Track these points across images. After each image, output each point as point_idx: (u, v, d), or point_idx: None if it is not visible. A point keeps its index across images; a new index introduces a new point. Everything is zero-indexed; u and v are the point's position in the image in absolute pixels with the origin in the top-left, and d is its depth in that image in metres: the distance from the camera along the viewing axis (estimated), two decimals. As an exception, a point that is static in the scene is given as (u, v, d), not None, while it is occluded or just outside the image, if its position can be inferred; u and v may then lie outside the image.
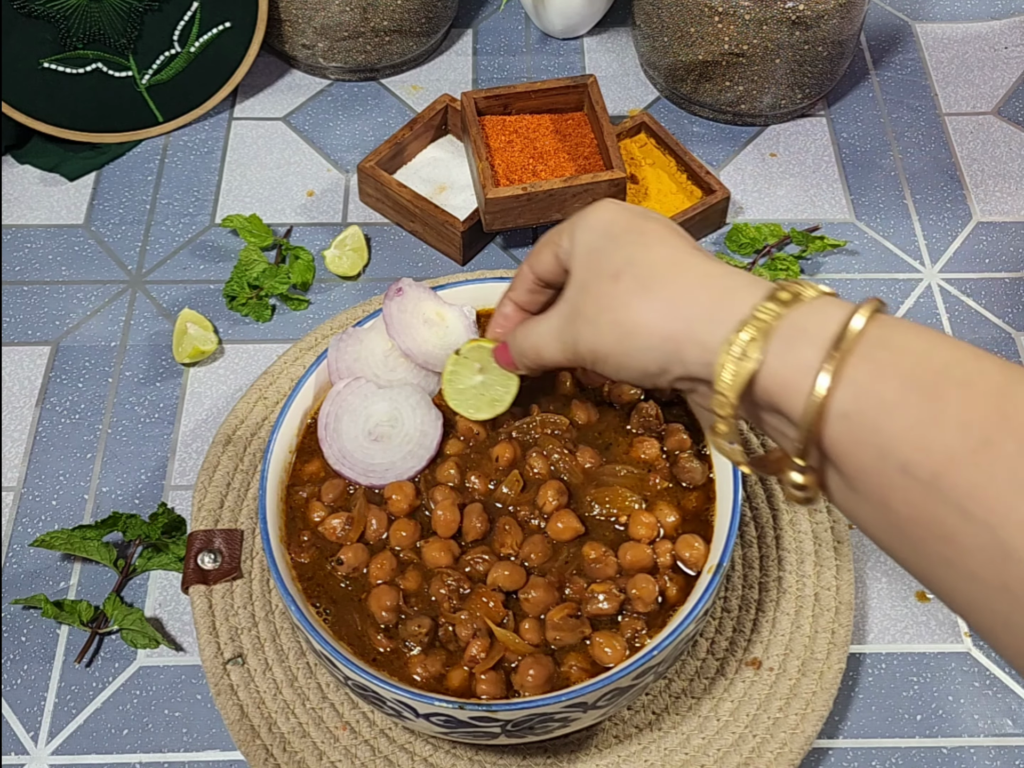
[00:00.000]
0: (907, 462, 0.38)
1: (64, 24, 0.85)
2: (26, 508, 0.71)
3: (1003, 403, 0.37)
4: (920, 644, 0.66)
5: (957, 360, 0.39)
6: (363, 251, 0.84)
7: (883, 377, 0.39)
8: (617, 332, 0.47)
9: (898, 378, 0.39)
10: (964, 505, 0.36)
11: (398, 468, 0.60)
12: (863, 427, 0.39)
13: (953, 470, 0.37)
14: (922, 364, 0.39)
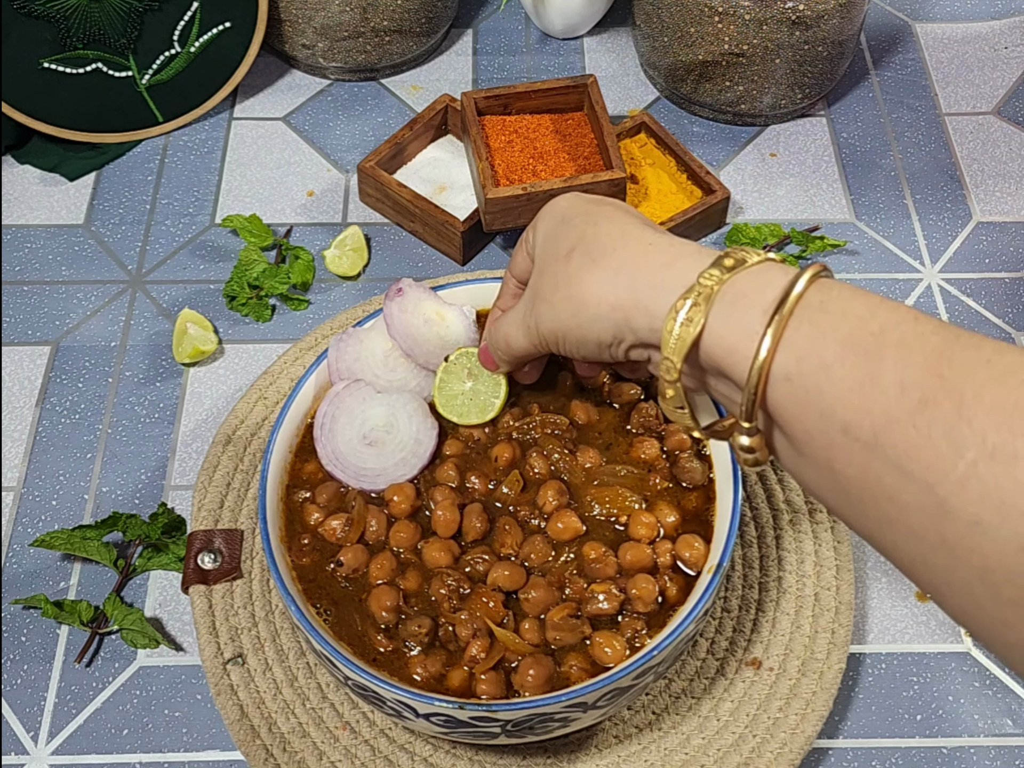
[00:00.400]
0: (848, 423, 0.39)
1: (64, 24, 0.85)
2: (26, 508, 0.71)
3: (939, 364, 0.37)
4: (920, 644, 0.66)
5: (895, 322, 0.39)
6: (363, 251, 0.84)
7: (823, 340, 0.40)
8: (570, 307, 0.49)
9: (837, 341, 0.40)
10: (903, 464, 0.37)
11: (389, 474, 0.60)
12: (805, 390, 0.40)
13: (892, 430, 0.38)
14: (861, 327, 0.40)
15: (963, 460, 0.35)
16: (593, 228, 0.50)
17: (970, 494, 0.35)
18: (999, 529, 0.35)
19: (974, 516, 0.35)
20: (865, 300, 0.41)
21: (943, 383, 0.37)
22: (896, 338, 0.39)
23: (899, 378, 0.38)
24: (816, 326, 0.41)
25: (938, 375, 0.37)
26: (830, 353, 0.40)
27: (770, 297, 0.42)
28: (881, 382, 0.38)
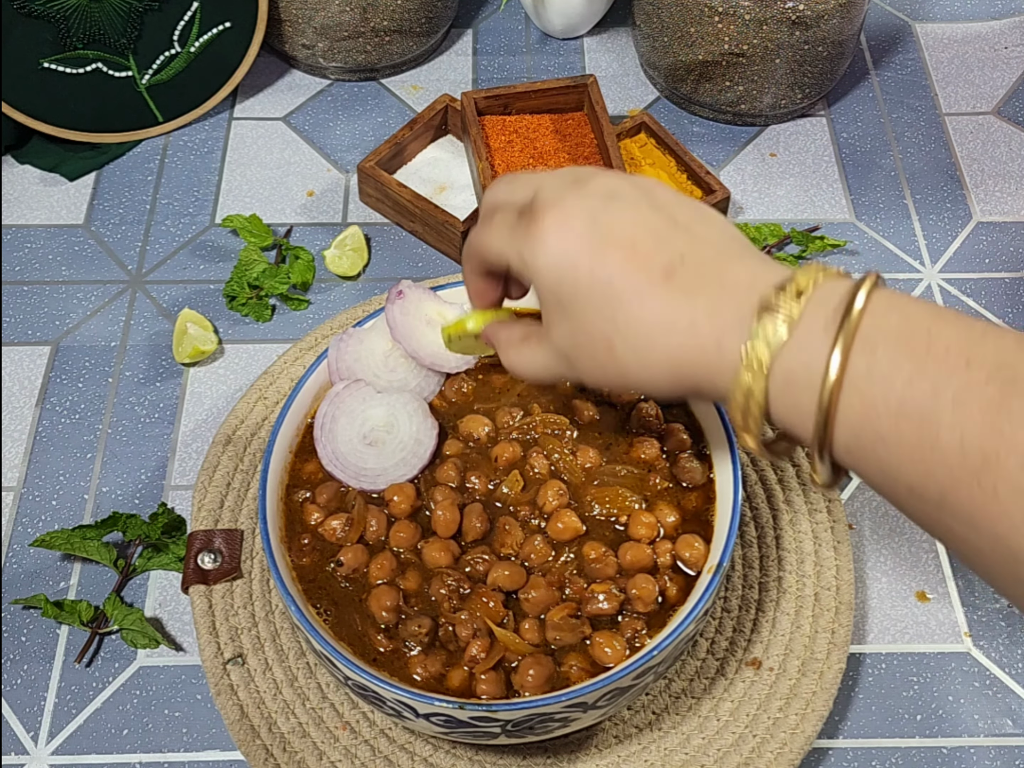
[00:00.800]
0: (912, 486, 0.39)
1: (64, 24, 0.85)
2: (26, 508, 0.71)
3: (998, 419, 0.37)
4: (920, 644, 0.66)
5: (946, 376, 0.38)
6: (363, 251, 0.84)
7: (876, 412, 0.40)
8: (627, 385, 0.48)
9: (890, 412, 0.39)
10: (972, 520, 0.38)
11: (389, 474, 0.60)
12: (867, 458, 0.41)
13: (958, 490, 0.38)
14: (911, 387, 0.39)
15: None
16: (622, 311, 0.46)
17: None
18: None
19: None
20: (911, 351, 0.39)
21: (1004, 439, 0.36)
22: (950, 397, 0.38)
23: (958, 440, 0.37)
24: (865, 398, 0.40)
25: (998, 431, 0.37)
26: (885, 425, 0.39)
27: (816, 374, 0.41)
28: (940, 446, 0.38)
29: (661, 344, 0.45)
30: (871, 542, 0.70)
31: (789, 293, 0.42)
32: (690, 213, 0.48)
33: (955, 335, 0.39)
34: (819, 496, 0.69)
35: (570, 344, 0.49)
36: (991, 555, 0.38)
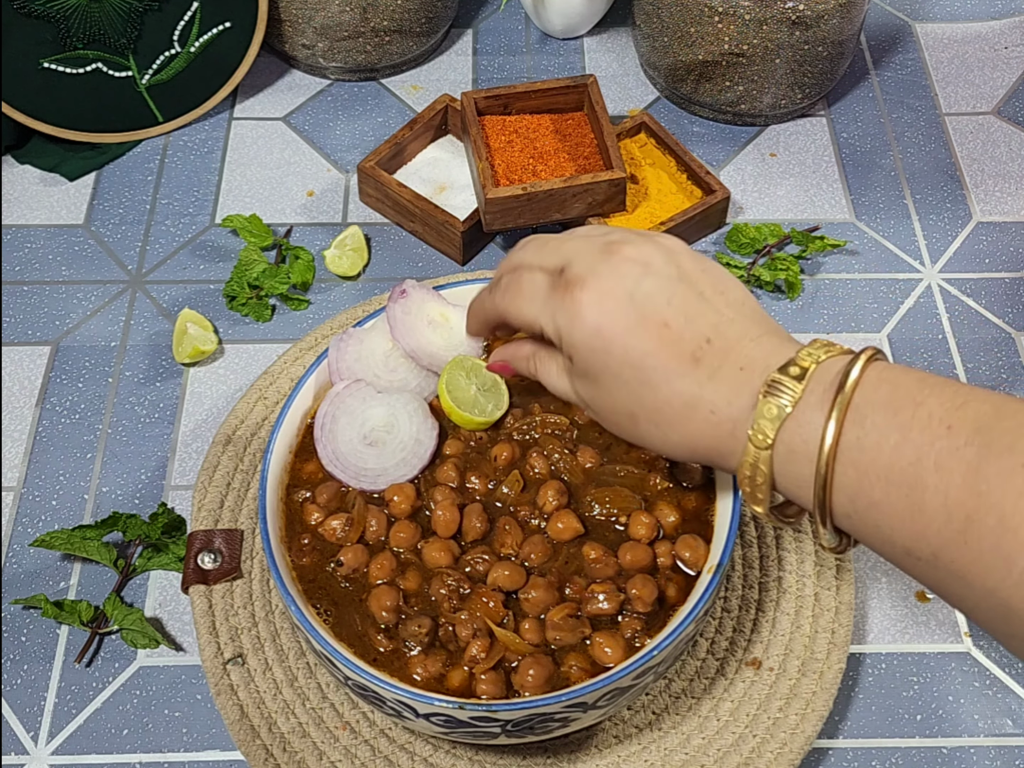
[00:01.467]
0: (908, 548, 0.43)
1: (64, 24, 0.85)
2: (26, 508, 0.71)
3: (976, 481, 0.40)
4: (920, 644, 0.66)
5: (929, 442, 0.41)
6: (363, 251, 0.84)
7: (868, 480, 0.43)
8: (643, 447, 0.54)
9: (880, 478, 0.43)
10: (963, 576, 0.41)
11: (390, 475, 0.60)
12: (864, 524, 0.44)
13: (948, 549, 0.41)
14: (899, 457, 0.42)
15: (1016, 567, 0.38)
16: (650, 392, 0.49)
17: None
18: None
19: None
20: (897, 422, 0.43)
21: (983, 500, 0.39)
22: (933, 462, 0.41)
23: (943, 503, 0.41)
24: (858, 467, 0.43)
25: (976, 493, 0.40)
26: (877, 492, 0.43)
27: (814, 446, 0.44)
28: (927, 510, 0.41)
29: (681, 426, 0.49)
30: (871, 542, 0.70)
31: (792, 375, 0.46)
32: (714, 284, 0.51)
33: (938, 403, 0.42)
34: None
35: (594, 403, 0.52)
36: (986, 610, 0.41)
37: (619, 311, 0.49)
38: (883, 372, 0.45)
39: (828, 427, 0.44)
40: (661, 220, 0.82)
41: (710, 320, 0.49)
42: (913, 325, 0.81)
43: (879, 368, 0.45)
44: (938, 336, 0.81)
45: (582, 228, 0.55)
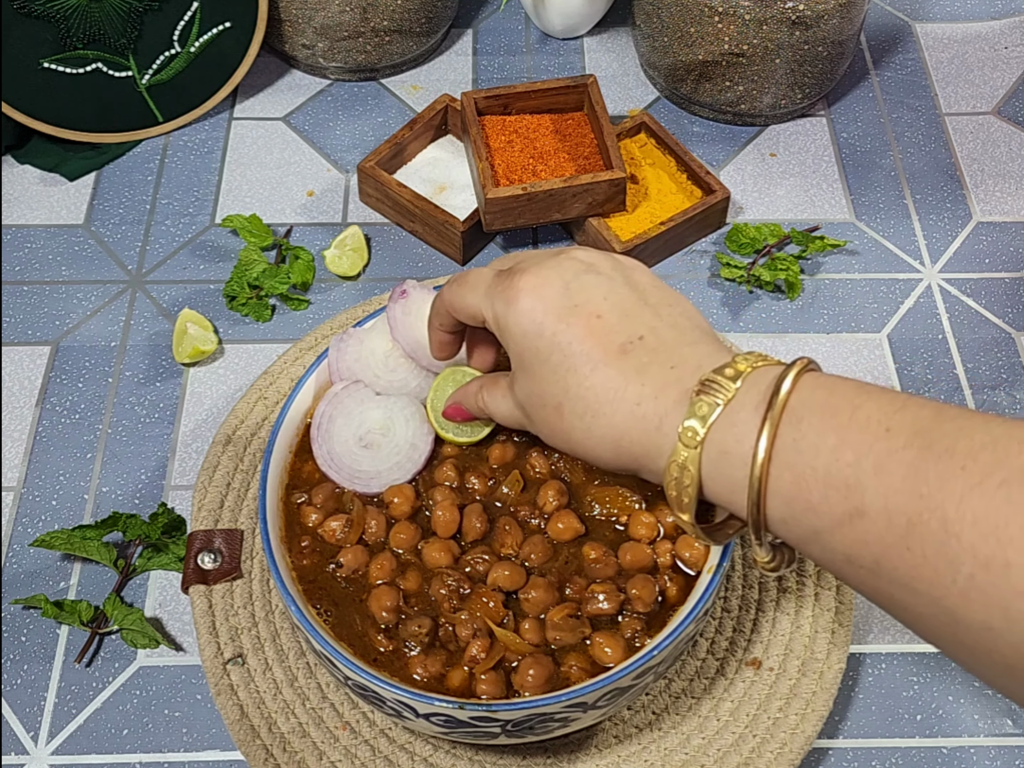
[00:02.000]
0: (849, 555, 0.41)
1: (64, 24, 0.85)
2: (26, 508, 0.71)
3: (917, 483, 0.38)
4: (920, 644, 0.66)
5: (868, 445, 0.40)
6: (363, 251, 0.84)
7: (805, 482, 0.41)
8: (575, 455, 0.51)
9: (818, 481, 0.41)
10: (907, 584, 0.39)
11: (384, 478, 0.60)
12: (802, 528, 0.42)
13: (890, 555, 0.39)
14: (836, 459, 0.41)
15: (960, 574, 0.37)
16: (575, 378, 0.48)
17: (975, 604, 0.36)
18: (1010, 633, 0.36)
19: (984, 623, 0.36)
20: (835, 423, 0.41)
21: (925, 502, 0.38)
22: (871, 464, 0.40)
23: (884, 506, 0.39)
24: (795, 469, 0.42)
25: (918, 495, 0.38)
26: (815, 495, 0.41)
27: (748, 447, 0.43)
28: (867, 513, 0.39)
29: (606, 416, 0.48)
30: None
31: (727, 375, 0.45)
32: (661, 296, 0.51)
33: (876, 407, 0.41)
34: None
35: (527, 401, 0.52)
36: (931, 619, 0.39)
37: (553, 296, 0.49)
38: (819, 379, 0.44)
39: (764, 427, 0.42)
40: (661, 220, 0.82)
41: (647, 321, 0.49)
42: (913, 325, 0.81)
43: (815, 376, 0.44)
44: (938, 336, 0.81)
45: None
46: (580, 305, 0.49)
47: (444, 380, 0.62)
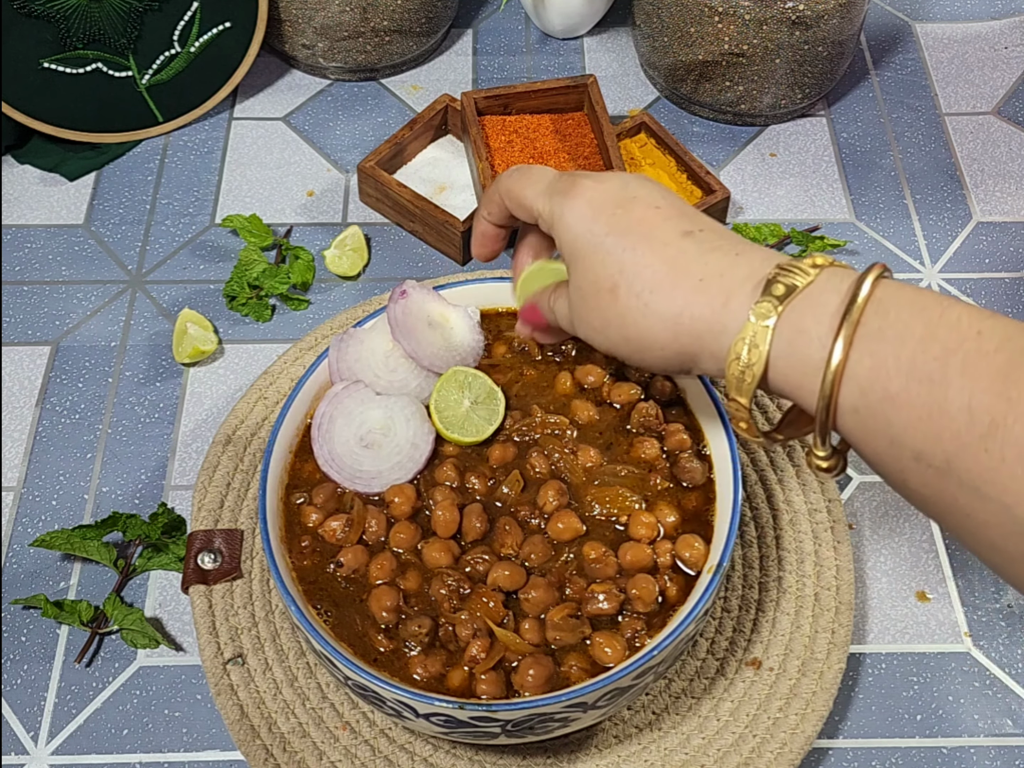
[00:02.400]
0: (919, 451, 0.39)
1: (64, 24, 0.85)
2: (26, 508, 0.71)
3: (1007, 386, 0.37)
4: (920, 644, 0.66)
5: (957, 342, 0.39)
6: (363, 251, 0.84)
7: (886, 370, 0.40)
8: (630, 347, 0.48)
9: (900, 371, 0.39)
10: (978, 487, 0.37)
11: (384, 478, 0.60)
12: (873, 420, 0.40)
13: (964, 456, 0.38)
14: (923, 351, 0.39)
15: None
16: (633, 257, 0.47)
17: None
18: None
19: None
20: (925, 318, 0.40)
21: (1011, 406, 0.37)
22: (959, 361, 0.38)
23: (967, 404, 0.38)
24: (876, 356, 0.40)
25: (1006, 398, 0.37)
26: (894, 384, 0.40)
27: (828, 329, 0.41)
28: (949, 409, 0.38)
29: (666, 291, 0.46)
30: (871, 542, 0.70)
31: (806, 262, 0.43)
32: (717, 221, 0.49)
33: (966, 311, 0.40)
34: (819, 496, 0.69)
35: (577, 294, 0.50)
36: (997, 528, 0.38)
37: (612, 189, 0.49)
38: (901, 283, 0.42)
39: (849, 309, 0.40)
40: (661, 220, 0.82)
41: (707, 222, 0.48)
42: (913, 325, 0.81)
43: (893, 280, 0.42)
44: (938, 336, 0.80)
45: None
46: (639, 198, 0.48)
47: (447, 381, 0.62)
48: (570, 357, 0.65)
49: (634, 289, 0.47)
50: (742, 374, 0.44)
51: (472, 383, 0.62)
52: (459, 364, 0.63)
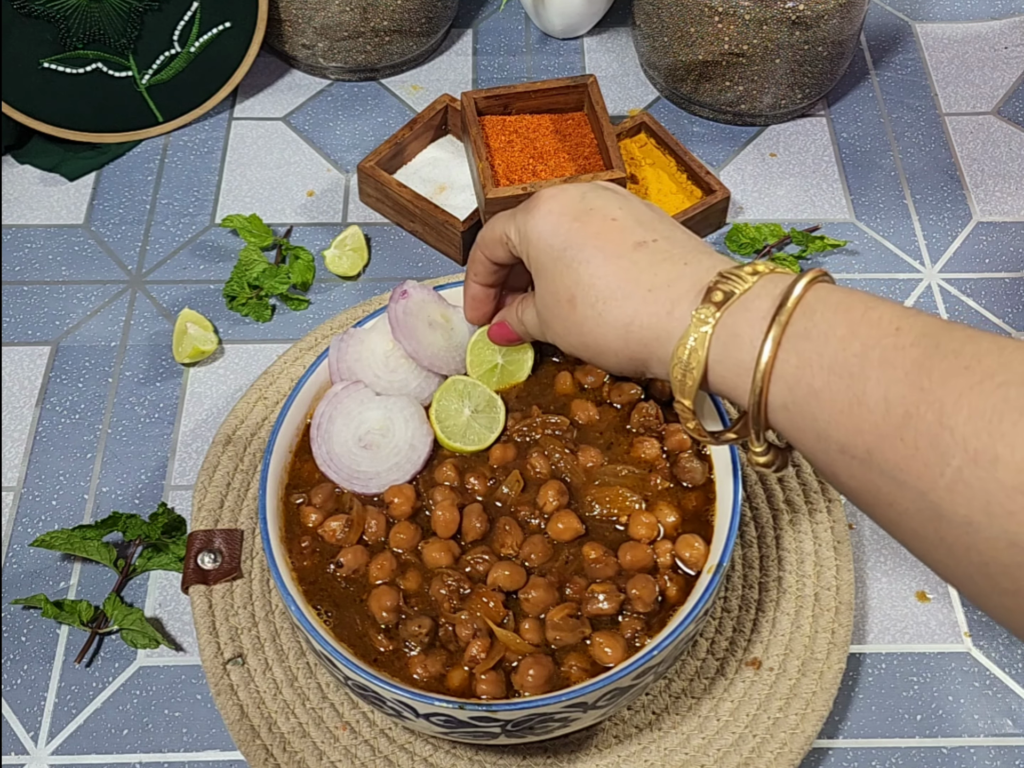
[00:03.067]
0: (843, 443, 0.42)
1: (64, 24, 0.85)
2: (26, 508, 0.71)
3: (920, 377, 0.39)
4: (920, 644, 0.66)
5: (876, 339, 0.41)
6: (363, 251, 0.84)
7: (810, 368, 0.42)
8: (588, 351, 0.52)
9: (823, 367, 0.42)
10: (896, 476, 0.40)
11: (382, 478, 0.60)
12: (801, 416, 0.43)
13: (883, 446, 0.40)
14: (844, 349, 0.42)
15: (949, 467, 0.37)
16: (587, 268, 0.50)
17: (959, 498, 0.37)
18: (989, 528, 0.37)
19: (966, 518, 0.37)
20: (847, 318, 0.42)
21: (924, 395, 0.39)
22: (877, 356, 0.41)
23: (883, 396, 0.40)
24: (802, 355, 0.43)
25: (919, 388, 0.39)
26: (818, 380, 0.42)
27: (759, 331, 0.44)
28: (867, 402, 0.40)
29: (618, 305, 0.49)
30: (871, 542, 0.70)
31: (745, 271, 0.46)
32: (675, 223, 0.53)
33: (890, 309, 0.42)
34: (819, 496, 0.69)
35: (542, 303, 0.54)
36: (916, 515, 0.40)
37: (570, 202, 0.52)
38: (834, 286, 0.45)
39: (778, 313, 0.43)
40: (661, 220, 0.82)
41: (661, 229, 0.51)
42: (913, 325, 0.81)
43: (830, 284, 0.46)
44: (938, 336, 0.80)
45: None
46: (596, 209, 0.52)
47: (446, 391, 0.62)
48: (570, 357, 0.65)
49: (588, 300, 0.50)
50: (683, 377, 0.47)
51: (472, 392, 0.62)
52: (459, 364, 0.63)
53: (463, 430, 0.61)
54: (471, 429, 0.61)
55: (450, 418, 0.61)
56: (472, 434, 0.61)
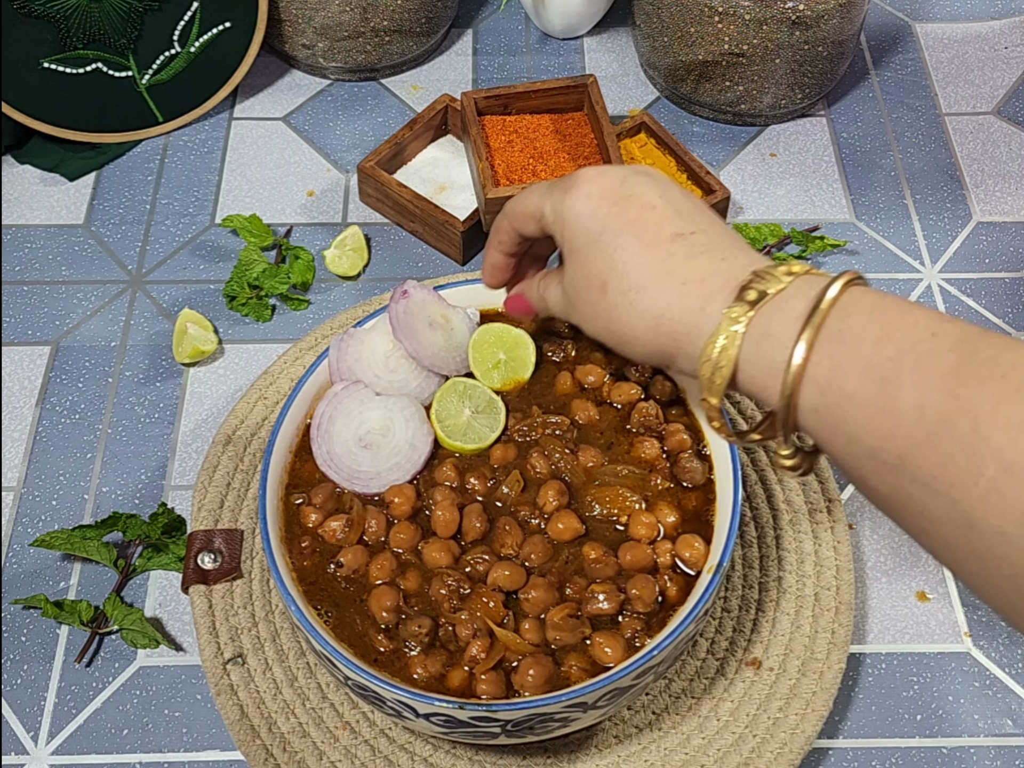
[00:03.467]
0: (874, 448, 0.41)
1: (64, 24, 0.85)
2: (26, 508, 0.71)
3: (955, 384, 0.38)
4: (920, 644, 0.66)
5: (911, 343, 0.40)
6: (363, 251, 0.84)
7: (843, 371, 0.42)
8: (613, 339, 0.51)
9: (856, 370, 0.41)
10: (928, 483, 0.39)
11: (383, 478, 0.60)
12: (831, 419, 0.42)
13: (915, 453, 0.39)
14: (878, 352, 0.41)
15: (983, 477, 0.37)
16: (622, 256, 0.49)
17: (993, 508, 0.37)
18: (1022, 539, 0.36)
19: (998, 528, 0.37)
20: (882, 321, 0.42)
21: (959, 403, 0.38)
22: (912, 361, 0.40)
23: (918, 402, 0.39)
24: (835, 358, 0.42)
25: (954, 396, 0.38)
26: (851, 384, 0.41)
27: (792, 332, 0.43)
28: (901, 407, 0.39)
29: (650, 292, 0.48)
30: (871, 542, 0.70)
31: (780, 271, 0.45)
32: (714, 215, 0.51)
33: (925, 315, 0.41)
34: (819, 496, 0.69)
35: (571, 285, 0.53)
36: (947, 524, 0.39)
37: (610, 185, 0.51)
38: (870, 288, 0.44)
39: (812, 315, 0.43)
40: (661, 220, 0.82)
41: (700, 222, 0.50)
42: (913, 325, 0.81)
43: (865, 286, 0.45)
44: (938, 336, 0.80)
45: None
46: (635, 195, 0.51)
47: (446, 392, 0.62)
48: (570, 357, 0.65)
49: (620, 288, 0.49)
50: (712, 375, 0.46)
51: (472, 393, 0.62)
52: (459, 364, 0.63)
53: (463, 430, 0.61)
54: (471, 428, 0.61)
55: (450, 418, 0.61)
56: (472, 433, 0.61)
